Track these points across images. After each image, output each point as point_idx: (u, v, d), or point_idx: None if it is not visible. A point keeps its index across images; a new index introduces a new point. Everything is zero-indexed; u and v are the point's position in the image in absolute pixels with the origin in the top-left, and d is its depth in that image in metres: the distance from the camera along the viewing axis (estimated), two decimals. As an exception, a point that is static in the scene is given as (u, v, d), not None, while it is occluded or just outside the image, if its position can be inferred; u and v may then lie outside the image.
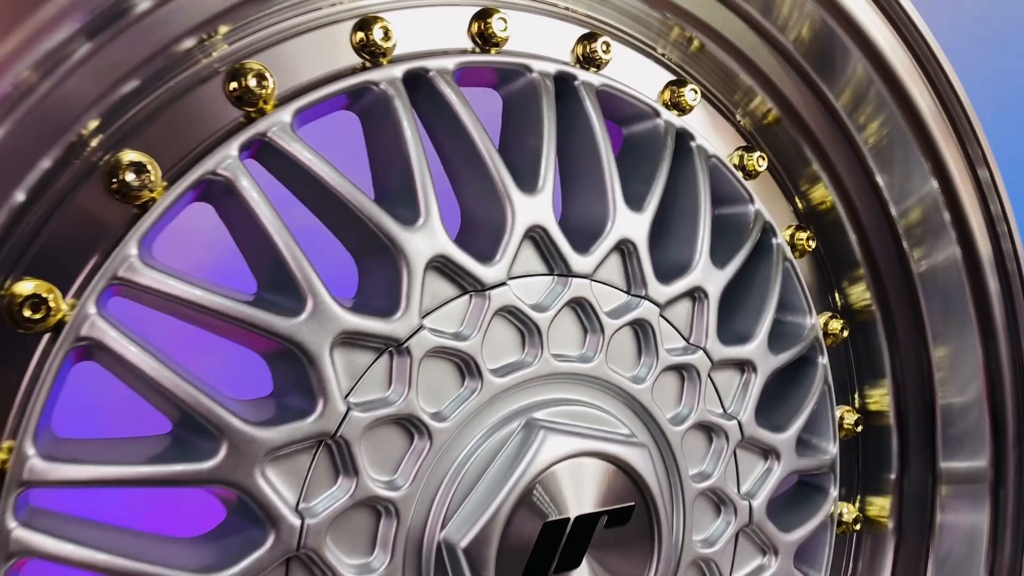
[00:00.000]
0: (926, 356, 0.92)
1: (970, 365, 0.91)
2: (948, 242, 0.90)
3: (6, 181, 0.51)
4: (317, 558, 0.57)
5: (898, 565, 0.94)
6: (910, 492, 0.93)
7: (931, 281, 0.91)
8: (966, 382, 0.92)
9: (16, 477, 0.51)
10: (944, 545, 0.94)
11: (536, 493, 0.62)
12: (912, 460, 0.93)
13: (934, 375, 0.92)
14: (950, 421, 0.93)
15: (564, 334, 0.67)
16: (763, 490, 0.77)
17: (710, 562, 0.74)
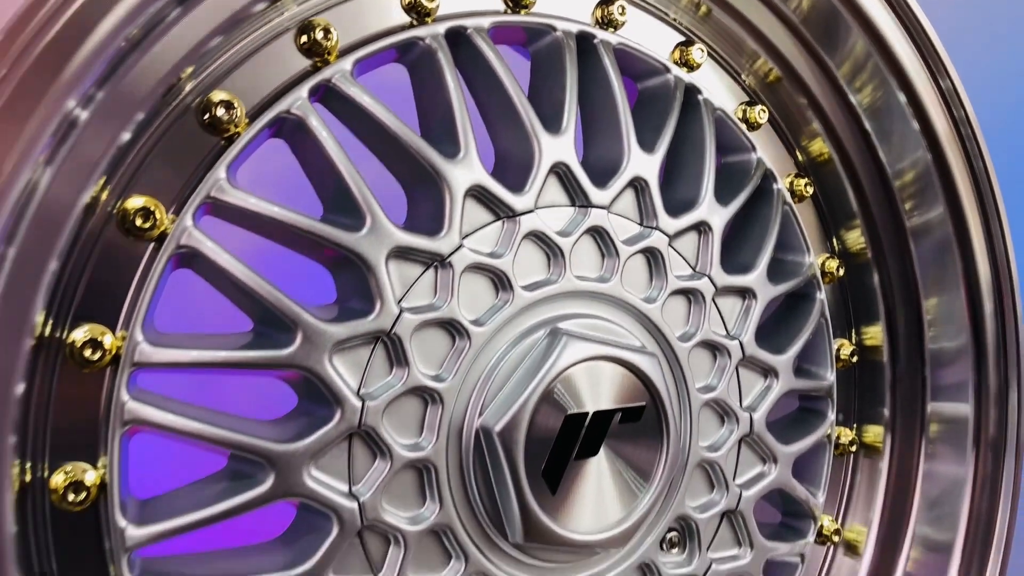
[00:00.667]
0: (917, 303, 1.01)
1: (959, 318, 1.00)
2: (937, 203, 0.99)
3: (116, 123, 0.61)
4: (375, 435, 0.67)
5: (890, 490, 1.02)
6: (902, 424, 1.02)
7: (923, 235, 1.00)
8: (955, 333, 1.00)
9: (129, 359, 0.62)
10: (931, 485, 1.02)
11: (559, 390, 0.72)
12: (902, 396, 1.02)
13: (924, 321, 1.01)
14: (939, 364, 1.01)
15: (584, 258, 0.77)
16: (763, 404, 0.87)
17: (714, 464, 0.84)
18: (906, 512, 1.02)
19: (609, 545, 0.75)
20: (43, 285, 0.59)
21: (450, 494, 0.71)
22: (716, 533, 0.86)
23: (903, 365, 1.02)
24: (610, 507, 0.75)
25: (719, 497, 0.85)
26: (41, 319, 0.59)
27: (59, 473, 0.60)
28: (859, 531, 1.01)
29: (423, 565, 0.71)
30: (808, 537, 0.94)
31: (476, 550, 0.72)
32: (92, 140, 0.60)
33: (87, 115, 0.58)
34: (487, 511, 0.72)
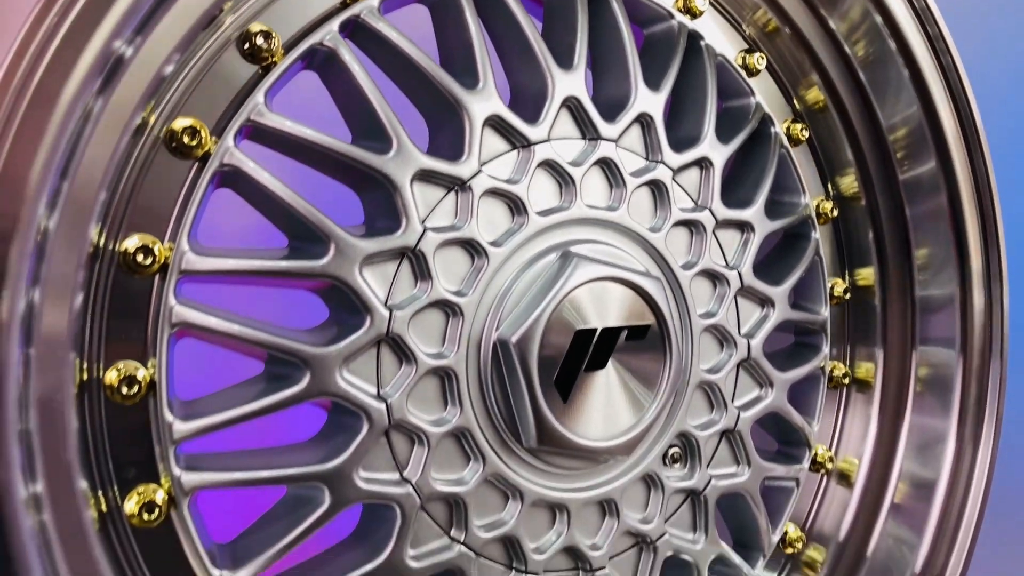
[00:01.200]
0: (907, 250, 1.07)
1: (948, 270, 1.05)
2: (929, 157, 1.04)
3: (162, 55, 0.66)
4: (402, 342, 0.73)
5: (882, 425, 1.08)
6: (894, 363, 1.08)
7: (915, 186, 1.05)
8: (943, 283, 1.06)
9: (176, 266, 0.67)
10: (917, 428, 1.08)
11: (570, 308, 0.77)
12: (892, 337, 1.08)
13: (914, 266, 1.07)
14: (927, 311, 1.07)
15: (594, 187, 0.83)
16: (760, 332, 0.93)
17: (714, 386, 0.90)
18: (895, 448, 1.08)
19: (616, 452, 0.81)
20: (97, 202, 0.64)
21: (470, 400, 0.76)
22: (716, 451, 0.92)
23: (894, 307, 1.07)
24: (617, 417, 0.81)
25: (718, 417, 0.91)
26: (96, 232, 0.64)
27: (112, 370, 0.66)
28: (851, 462, 1.07)
29: (444, 465, 0.76)
30: (803, 463, 1.00)
31: (493, 453, 0.78)
32: (139, 72, 0.65)
33: (132, 51, 0.63)
34: (503, 417, 0.77)
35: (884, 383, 1.08)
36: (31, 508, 0.60)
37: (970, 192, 1.03)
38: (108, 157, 0.64)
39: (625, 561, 0.87)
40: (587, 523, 0.84)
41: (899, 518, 1.06)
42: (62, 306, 0.62)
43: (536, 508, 0.81)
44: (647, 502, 0.88)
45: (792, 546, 1.02)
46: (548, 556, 0.81)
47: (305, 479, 0.71)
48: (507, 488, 0.79)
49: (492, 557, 0.79)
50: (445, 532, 0.77)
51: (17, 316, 0.59)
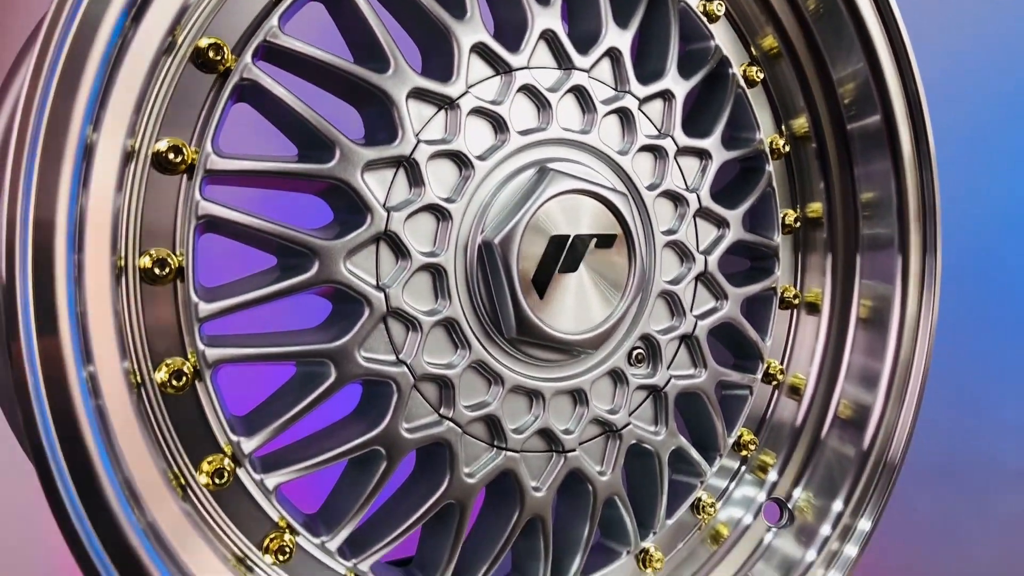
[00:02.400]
0: (853, 190, 1.18)
1: (890, 213, 1.16)
2: (875, 112, 1.15)
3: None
4: (398, 240, 0.83)
5: (830, 347, 1.19)
6: (840, 290, 1.19)
7: (862, 137, 1.16)
8: (887, 223, 1.17)
9: (202, 166, 0.77)
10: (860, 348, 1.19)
11: (546, 217, 0.88)
12: (840, 266, 1.19)
13: (859, 206, 1.18)
14: (872, 248, 1.18)
15: (568, 112, 0.93)
16: (716, 249, 1.03)
17: (674, 296, 1.01)
18: (838, 370, 1.19)
19: (586, 345, 0.92)
20: (130, 109, 0.74)
21: (457, 295, 0.87)
22: (676, 354, 1.02)
23: (841, 241, 1.19)
24: (587, 314, 0.91)
25: (678, 323, 1.02)
26: (131, 138, 0.73)
27: (146, 256, 0.76)
28: (800, 378, 1.18)
29: (435, 351, 0.87)
30: (756, 374, 1.11)
31: (478, 342, 0.88)
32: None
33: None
34: (487, 311, 0.88)
35: (831, 309, 1.19)
36: (90, 389, 0.69)
37: (910, 146, 1.14)
38: (139, 73, 0.74)
39: (594, 446, 0.97)
40: (560, 410, 0.95)
41: (842, 433, 1.17)
42: (103, 205, 0.72)
43: (515, 394, 0.92)
44: (614, 395, 0.98)
45: (746, 448, 1.13)
46: (526, 436, 0.92)
47: (313, 355, 0.81)
48: (490, 374, 0.90)
49: (476, 434, 0.90)
50: (435, 410, 0.87)
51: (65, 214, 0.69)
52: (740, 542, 1.12)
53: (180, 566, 0.76)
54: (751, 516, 1.14)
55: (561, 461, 0.94)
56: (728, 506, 1.14)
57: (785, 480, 1.15)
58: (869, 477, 1.12)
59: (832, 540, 1.12)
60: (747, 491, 1.16)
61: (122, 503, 0.72)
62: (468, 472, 0.89)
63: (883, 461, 1.12)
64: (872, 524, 1.11)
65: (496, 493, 0.95)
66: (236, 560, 0.82)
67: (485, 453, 0.91)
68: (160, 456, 0.77)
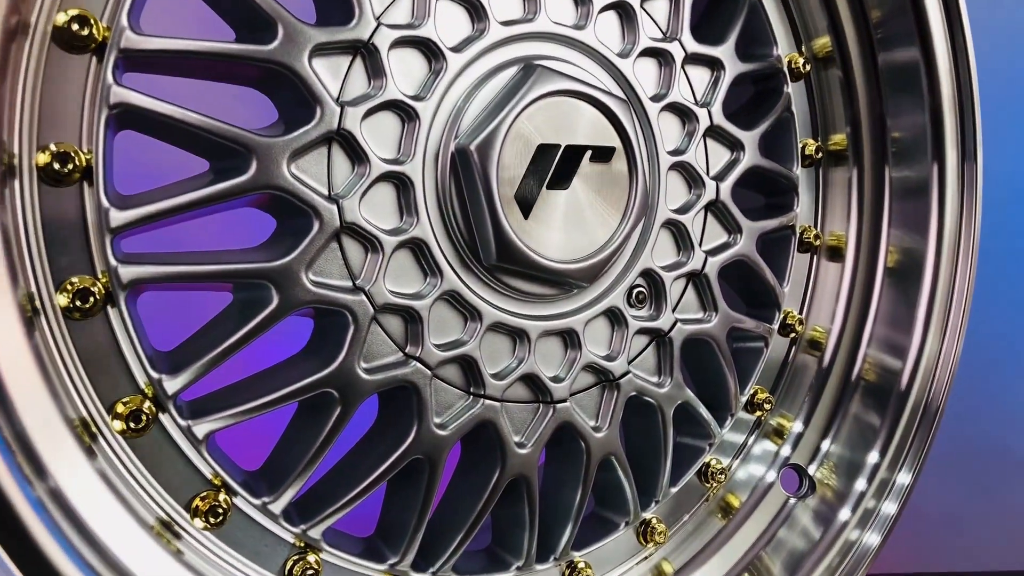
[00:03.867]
0: (882, 126, 1.04)
1: (923, 155, 1.03)
2: (911, 42, 1.01)
3: None
4: (354, 141, 0.70)
5: (854, 299, 1.06)
6: (864, 238, 1.06)
7: (893, 69, 1.03)
8: (918, 166, 1.03)
9: (115, 45, 0.63)
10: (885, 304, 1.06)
11: (533, 123, 0.74)
12: (868, 198, 1.05)
13: (888, 144, 1.04)
14: (902, 191, 1.05)
15: (559, 3, 0.79)
16: (729, 176, 0.90)
17: (681, 227, 0.87)
18: (863, 325, 1.06)
19: (578, 277, 0.78)
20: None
21: (426, 211, 0.73)
22: (683, 295, 0.89)
23: (868, 181, 1.05)
24: (580, 241, 0.78)
25: (685, 259, 0.88)
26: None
27: (45, 152, 0.62)
28: (821, 331, 1.05)
29: (400, 277, 0.73)
30: (773, 323, 0.97)
31: (451, 270, 0.75)
32: None
33: None
34: (462, 232, 0.74)
35: (856, 255, 1.05)
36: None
37: (951, 84, 1.00)
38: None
39: (587, 398, 0.84)
40: (549, 354, 0.81)
41: (872, 382, 1.03)
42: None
43: (495, 332, 0.78)
44: (611, 339, 0.85)
45: (760, 409, 1.00)
46: (507, 383, 0.78)
47: (251, 276, 0.67)
48: (465, 308, 0.76)
49: (449, 378, 0.76)
50: (400, 347, 0.74)
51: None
52: (754, 514, 0.98)
53: (91, 538, 0.63)
54: (767, 484, 1.01)
55: (549, 413, 0.81)
56: (740, 472, 1.00)
57: (807, 441, 1.02)
58: (908, 422, 0.99)
59: (868, 497, 0.98)
60: (762, 456, 1.02)
61: (10, 467, 0.59)
62: (439, 422, 0.76)
63: (923, 403, 0.99)
64: (913, 476, 0.98)
65: (472, 448, 0.81)
66: (160, 526, 0.68)
67: (459, 401, 0.77)
68: (62, 400, 0.63)
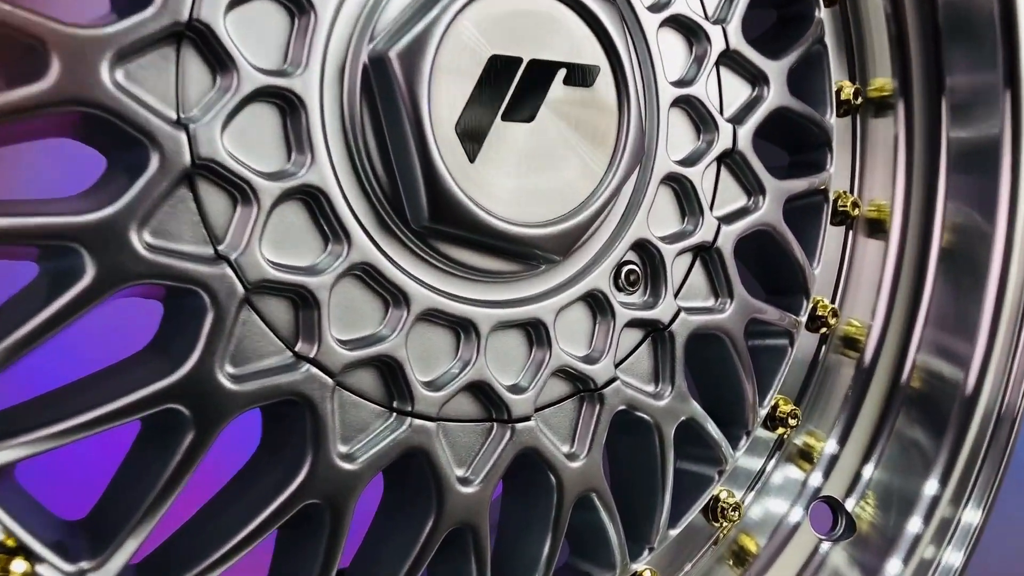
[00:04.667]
0: (938, 70, 0.82)
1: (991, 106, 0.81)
2: None
3: None
4: (212, 39, 0.47)
5: (900, 283, 0.84)
6: (912, 211, 0.84)
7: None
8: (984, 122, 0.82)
9: None
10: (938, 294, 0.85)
11: (482, 24, 0.52)
12: (916, 176, 0.84)
13: (946, 93, 0.83)
14: (962, 157, 0.83)
15: None
16: (750, 118, 0.68)
17: (686, 184, 0.65)
18: (914, 320, 0.84)
19: (547, 246, 0.56)
20: None
21: (325, 147, 0.51)
22: (688, 275, 0.67)
23: (918, 138, 0.83)
24: (548, 196, 0.56)
25: (692, 227, 0.66)
26: None
27: None
28: (858, 325, 0.83)
29: (285, 242, 0.51)
30: (800, 313, 0.76)
31: (362, 233, 0.52)
32: None
33: None
34: (378, 180, 0.52)
35: (903, 232, 0.84)
36: None
37: None
38: None
39: (560, 414, 0.62)
40: (506, 355, 0.59)
41: (919, 411, 0.82)
42: None
43: (430, 324, 0.56)
44: (592, 334, 0.63)
45: (784, 425, 0.78)
46: (446, 395, 0.56)
47: (52, 236, 0.45)
48: (385, 288, 0.54)
49: (360, 389, 0.54)
50: (286, 344, 0.51)
51: None
52: (777, 562, 0.76)
53: None
54: (792, 524, 0.79)
55: (506, 436, 0.59)
56: (758, 508, 0.78)
57: (843, 467, 0.80)
58: (975, 443, 0.77)
59: (925, 542, 0.76)
60: (786, 487, 0.80)
61: None
62: (345, 452, 0.54)
63: (994, 418, 0.77)
64: (983, 514, 0.76)
65: (397, 487, 0.59)
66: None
67: (377, 421, 0.55)
68: None
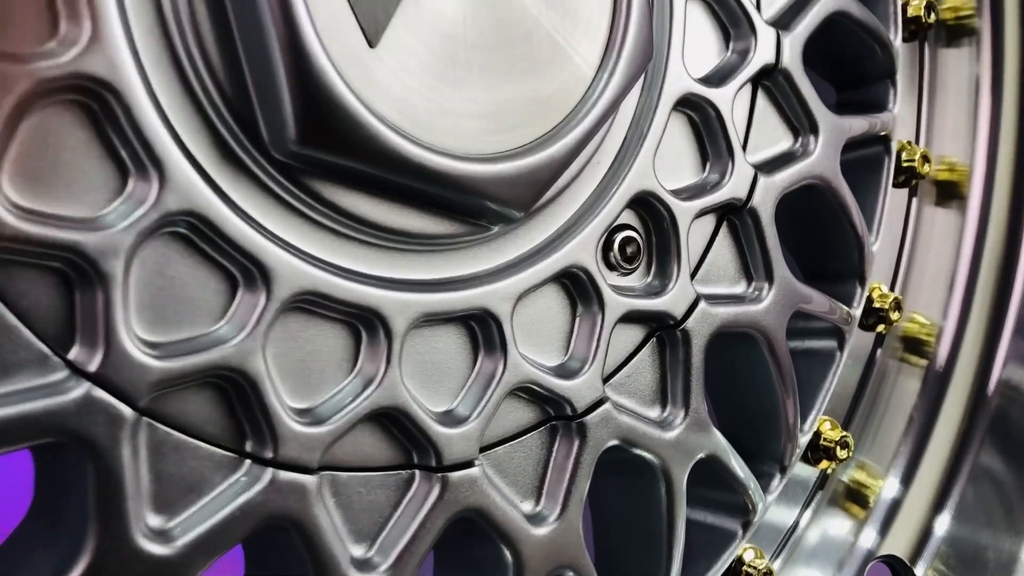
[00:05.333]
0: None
1: None
2: None
3: None
4: None
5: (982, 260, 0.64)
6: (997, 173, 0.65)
7: None
8: None
9: None
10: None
11: None
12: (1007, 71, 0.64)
13: None
14: None
15: None
16: (800, 23, 0.47)
17: (707, 108, 0.44)
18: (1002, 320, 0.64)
19: (497, 193, 0.35)
20: None
21: (118, 7, 0.30)
22: (709, 248, 0.46)
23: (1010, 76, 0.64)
24: (503, 110, 0.35)
25: (717, 178, 0.45)
26: None
27: None
28: (925, 323, 0.63)
29: (48, 175, 0.30)
30: (854, 304, 0.55)
31: (185, 160, 0.31)
32: None
33: None
34: (213, 73, 0.31)
35: (985, 200, 0.64)
36: None
37: None
38: None
39: (519, 455, 0.41)
40: (436, 364, 0.38)
41: (1003, 442, 0.63)
42: None
43: (308, 316, 0.35)
44: (569, 333, 0.42)
45: (830, 457, 0.57)
46: (335, 428, 0.35)
47: None
48: (229, 256, 0.33)
49: (184, 421, 0.33)
50: (53, 349, 0.30)
51: None
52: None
53: None
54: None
55: (433, 492, 0.38)
56: (794, 573, 0.58)
57: (909, 515, 0.60)
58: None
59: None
60: (832, 542, 0.60)
61: None
62: (158, 526, 0.32)
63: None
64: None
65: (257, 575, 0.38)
66: None
67: (216, 474, 0.34)
68: None
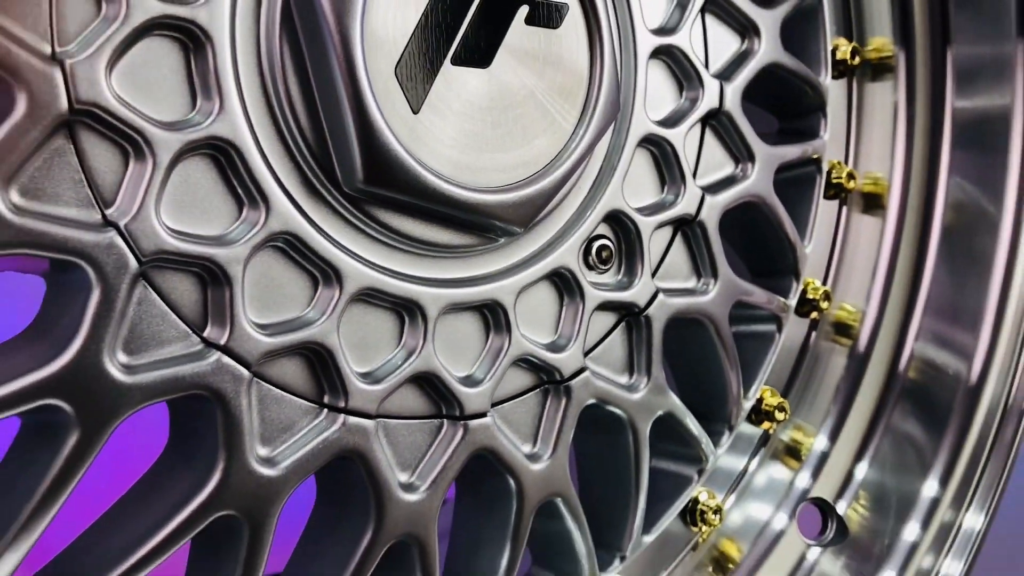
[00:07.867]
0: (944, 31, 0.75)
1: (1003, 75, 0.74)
2: None
3: None
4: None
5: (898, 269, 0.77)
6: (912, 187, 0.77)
7: None
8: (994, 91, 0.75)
9: None
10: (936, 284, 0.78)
11: (430, -47, 0.44)
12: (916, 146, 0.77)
13: (951, 59, 0.75)
14: (966, 129, 0.76)
15: None
16: (739, 74, 0.60)
17: (666, 148, 0.57)
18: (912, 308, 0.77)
19: (506, 215, 0.48)
20: None
21: (237, 91, 0.42)
22: (667, 251, 0.59)
23: (920, 105, 0.76)
24: (506, 155, 0.48)
25: (673, 197, 0.58)
26: None
27: None
28: (851, 311, 0.76)
29: (191, 207, 0.42)
30: (790, 296, 0.68)
31: (283, 195, 0.44)
32: None
33: None
34: (302, 132, 0.44)
35: (901, 208, 0.77)
36: None
37: None
38: None
39: (520, 409, 0.54)
40: (458, 341, 0.51)
41: (918, 404, 0.75)
42: None
43: (368, 306, 0.48)
44: (558, 318, 0.55)
45: (770, 419, 0.70)
46: (387, 388, 0.48)
47: None
48: (312, 263, 0.46)
49: (283, 381, 0.46)
50: (193, 329, 0.43)
51: None
52: (762, 569, 0.69)
53: None
54: (778, 528, 0.72)
55: (458, 435, 0.51)
56: (741, 511, 0.71)
57: (834, 465, 0.73)
58: (979, 440, 0.71)
59: (923, 549, 0.70)
60: (771, 487, 0.73)
61: None
62: (265, 455, 0.45)
63: (1000, 412, 0.71)
64: (986, 519, 0.70)
65: (329, 494, 0.51)
66: None
67: (304, 419, 0.47)
68: None
